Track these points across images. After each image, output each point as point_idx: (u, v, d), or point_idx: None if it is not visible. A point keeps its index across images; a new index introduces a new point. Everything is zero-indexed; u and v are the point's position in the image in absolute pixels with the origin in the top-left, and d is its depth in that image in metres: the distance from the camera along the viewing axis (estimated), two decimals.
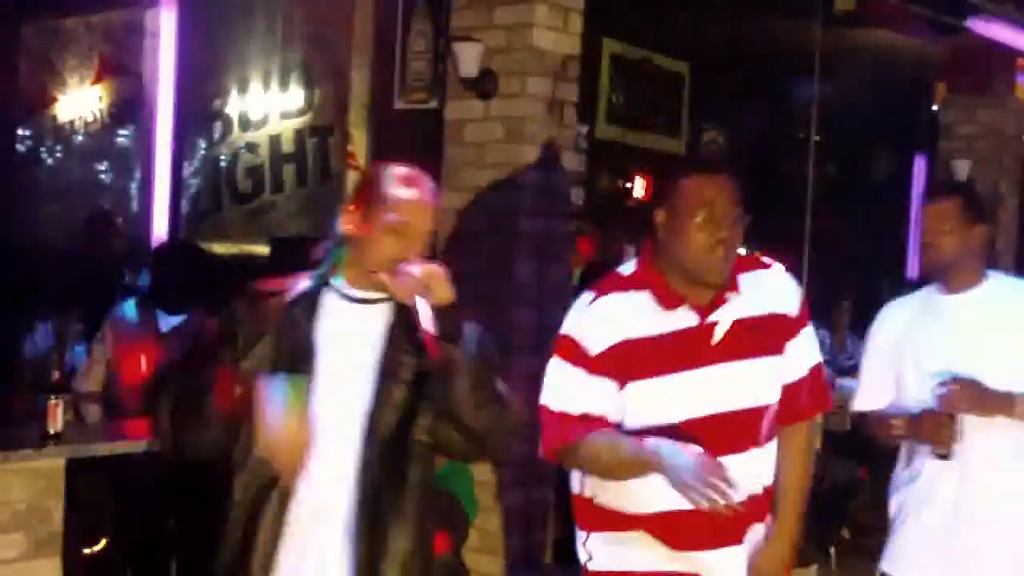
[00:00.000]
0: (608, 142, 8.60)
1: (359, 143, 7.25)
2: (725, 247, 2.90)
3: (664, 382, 2.95)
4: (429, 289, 2.60)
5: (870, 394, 3.91)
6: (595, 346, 2.97)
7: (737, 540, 3.02)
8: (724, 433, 2.94)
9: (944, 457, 3.60)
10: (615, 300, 3.02)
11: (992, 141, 9.61)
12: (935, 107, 10.24)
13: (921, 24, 8.69)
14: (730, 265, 2.94)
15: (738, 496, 2.72)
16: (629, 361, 2.95)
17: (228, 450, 2.69)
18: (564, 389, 3.01)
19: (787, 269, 3.19)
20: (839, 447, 7.08)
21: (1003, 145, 9.67)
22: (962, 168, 9.44)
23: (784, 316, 3.07)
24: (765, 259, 3.12)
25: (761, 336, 3.02)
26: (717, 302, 2.98)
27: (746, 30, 8.47)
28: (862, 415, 3.96)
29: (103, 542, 5.22)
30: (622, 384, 2.96)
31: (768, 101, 9.43)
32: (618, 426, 2.98)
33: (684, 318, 2.97)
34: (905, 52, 9.39)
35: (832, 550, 6.72)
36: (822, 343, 6.95)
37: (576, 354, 2.99)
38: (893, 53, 9.32)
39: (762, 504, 3.08)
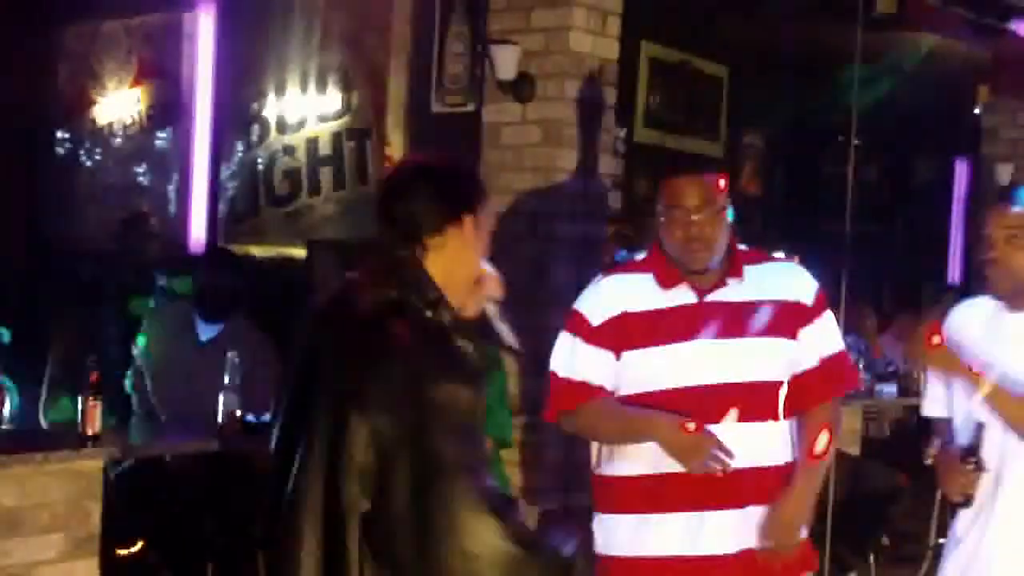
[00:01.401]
0: (646, 146, 8.58)
1: (396, 146, 7.25)
2: (698, 240, 3.17)
3: (657, 352, 3.21)
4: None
5: (931, 400, 3.56)
6: (597, 318, 3.28)
7: (737, 504, 3.18)
8: (716, 403, 3.16)
9: (962, 505, 3.29)
10: (620, 278, 3.36)
11: None
12: (977, 110, 10.15)
13: (963, 27, 8.62)
14: (710, 255, 3.20)
15: (734, 462, 3.08)
16: (626, 332, 3.24)
17: None
18: (568, 358, 3.31)
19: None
20: (879, 453, 7.03)
21: None
22: (1005, 172, 9.35)
23: (796, 304, 3.28)
24: (779, 255, 3.43)
25: (764, 319, 3.23)
26: (717, 284, 3.24)
27: (785, 33, 8.44)
28: (926, 420, 3.65)
29: (140, 544, 5.24)
30: (618, 354, 3.24)
31: (807, 104, 9.38)
32: (615, 395, 3.27)
33: (682, 296, 3.24)
34: (947, 55, 9.32)
35: (872, 558, 6.65)
36: (857, 351, 6.90)
37: (579, 326, 3.30)
38: (934, 56, 9.25)
39: (769, 480, 3.23)
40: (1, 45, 8.56)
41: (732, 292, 3.24)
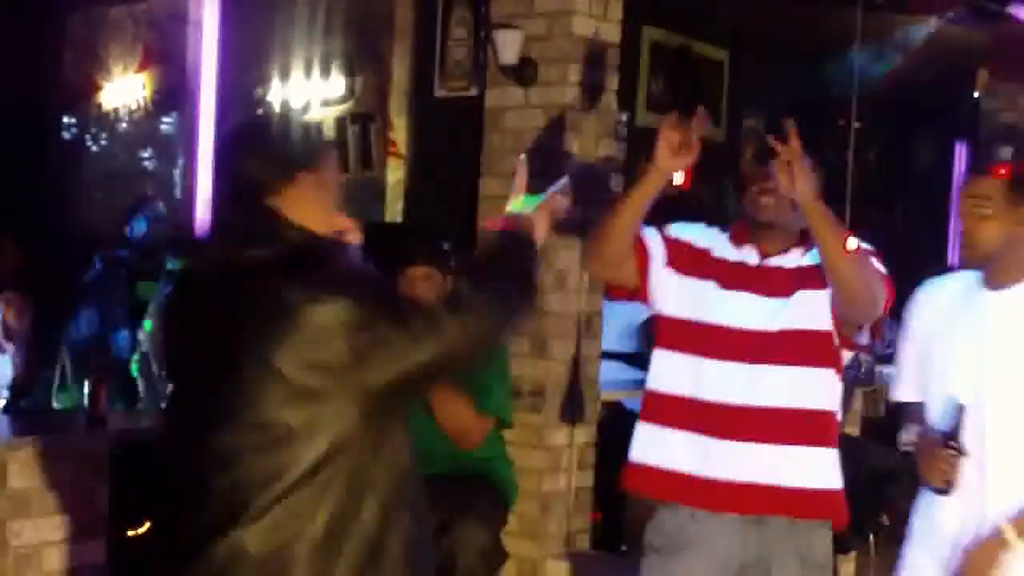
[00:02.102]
0: (648, 129, 8.57)
1: (400, 130, 7.29)
2: (769, 194, 3.38)
3: (707, 287, 3.48)
4: None
5: (904, 384, 3.55)
6: (672, 233, 3.60)
7: (739, 437, 3.37)
8: (758, 345, 3.38)
9: (942, 492, 3.23)
10: (706, 227, 3.66)
11: None
12: (977, 94, 10.16)
13: (963, 10, 8.64)
14: (776, 211, 3.42)
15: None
16: (694, 262, 3.54)
17: None
18: None
19: None
20: (877, 433, 7.08)
21: None
22: (1005, 155, 9.38)
23: None
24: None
25: (809, 277, 3.42)
26: (781, 251, 3.49)
27: (786, 17, 8.45)
28: (899, 405, 3.66)
29: (147, 524, 5.28)
30: (673, 269, 3.53)
31: (808, 88, 9.40)
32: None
33: (747, 255, 3.52)
34: (947, 39, 9.33)
35: (872, 537, 6.71)
36: None
37: (662, 229, 3.61)
38: (934, 40, 9.27)
39: (803, 425, 3.40)
40: (8, 32, 8.60)
41: (791, 260, 3.48)
